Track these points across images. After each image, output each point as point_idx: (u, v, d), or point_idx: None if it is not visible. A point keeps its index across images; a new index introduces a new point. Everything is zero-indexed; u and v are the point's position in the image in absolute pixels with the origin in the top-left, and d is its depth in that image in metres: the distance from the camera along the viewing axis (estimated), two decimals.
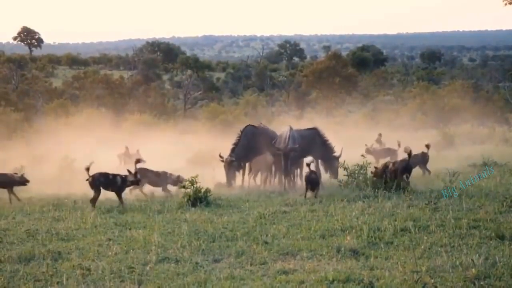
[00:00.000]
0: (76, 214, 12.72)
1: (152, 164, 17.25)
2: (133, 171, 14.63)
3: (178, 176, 16.43)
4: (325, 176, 17.34)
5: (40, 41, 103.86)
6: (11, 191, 15.99)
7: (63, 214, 12.87)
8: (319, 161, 17.47)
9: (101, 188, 14.04)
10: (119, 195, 14.12)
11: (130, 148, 24.56)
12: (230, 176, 17.41)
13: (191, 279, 8.15)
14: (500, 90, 62.61)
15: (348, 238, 9.65)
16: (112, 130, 34.85)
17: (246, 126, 18.34)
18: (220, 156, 17.60)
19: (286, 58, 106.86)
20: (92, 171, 13.89)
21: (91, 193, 14.12)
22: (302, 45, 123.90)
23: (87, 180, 14.00)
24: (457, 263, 8.30)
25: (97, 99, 50.96)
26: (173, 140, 31.17)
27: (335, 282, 7.82)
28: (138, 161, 15.52)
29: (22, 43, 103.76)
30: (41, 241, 10.39)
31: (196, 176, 13.84)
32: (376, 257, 8.85)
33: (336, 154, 17.36)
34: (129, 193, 15.67)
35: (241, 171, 17.88)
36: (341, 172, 16.30)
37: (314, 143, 17.48)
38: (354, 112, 51.88)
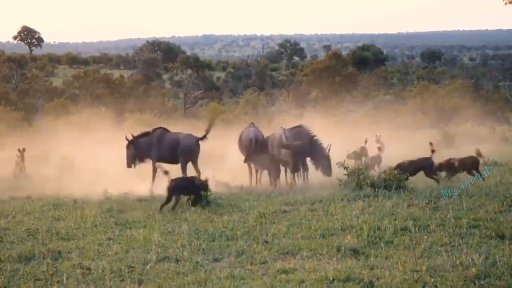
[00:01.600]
0: (76, 214, 12.71)
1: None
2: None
3: (206, 180, 15.78)
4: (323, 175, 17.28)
5: (40, 40, 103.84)
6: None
7: (63, 213, 12.85)
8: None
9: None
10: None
11: None
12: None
13: (191, 278, 8.16)
14: (500, 90, 62.69)
15: (348, 237, 9.66)
16: (112, 129, 34.80)
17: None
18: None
19: (286, 58, 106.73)
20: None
21: (91, 192, 14.09)
22: (302, 45, 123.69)
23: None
24: (457, 262, 8.30)
25: (97, 99, 51.04)
26: None
27: (335, 281, 7.82)
28: None
29: (22, 43, 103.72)
30: (41, 240, 10.39)
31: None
32: (376, 256, 8.85)
33: (326, 152, 17.09)
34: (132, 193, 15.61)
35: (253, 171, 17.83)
36: (341, 172, 16.13)
37: (299, 140, 17.24)
38: (354, 111, 51.81)
